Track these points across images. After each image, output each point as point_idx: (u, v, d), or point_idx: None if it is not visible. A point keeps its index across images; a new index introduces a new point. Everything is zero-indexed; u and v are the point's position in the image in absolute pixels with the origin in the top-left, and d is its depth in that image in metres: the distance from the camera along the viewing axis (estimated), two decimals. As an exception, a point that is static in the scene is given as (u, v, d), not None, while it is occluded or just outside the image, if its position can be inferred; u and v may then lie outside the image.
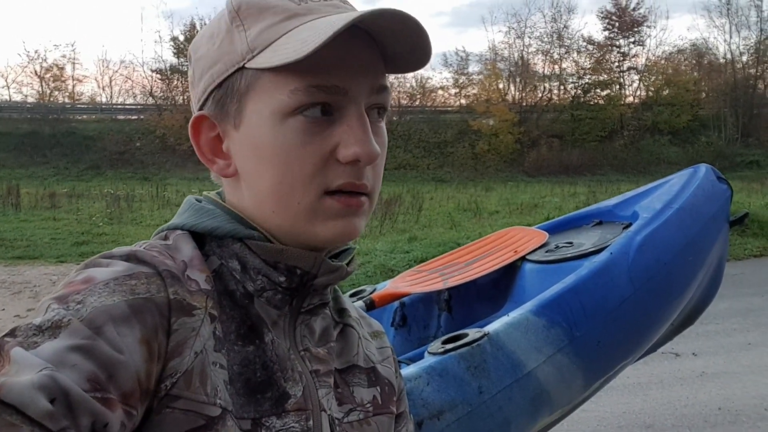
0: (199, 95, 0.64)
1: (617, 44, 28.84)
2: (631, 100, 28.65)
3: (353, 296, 2.25)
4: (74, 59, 29.19)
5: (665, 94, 27.25)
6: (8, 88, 28.59)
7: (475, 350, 1.58)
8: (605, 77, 28.30)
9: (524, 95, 28.37)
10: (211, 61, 0.62)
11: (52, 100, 26.73)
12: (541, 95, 28.49)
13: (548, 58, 28.92)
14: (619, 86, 28.55)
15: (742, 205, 9.65)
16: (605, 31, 28.96)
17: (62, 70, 27.27)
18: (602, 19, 28.86)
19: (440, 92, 29.58)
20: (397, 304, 2.31)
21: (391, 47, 0.60)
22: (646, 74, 28.85)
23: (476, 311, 2.29)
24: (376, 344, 0.74)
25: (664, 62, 29.26)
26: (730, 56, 28.88)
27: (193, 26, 26.91)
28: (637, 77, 29.07)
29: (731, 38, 29.50)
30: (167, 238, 0.62)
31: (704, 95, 28.27)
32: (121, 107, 27.78)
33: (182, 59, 25.92)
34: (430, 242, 8.43)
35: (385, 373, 0.72)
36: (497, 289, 2.31)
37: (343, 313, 0.72)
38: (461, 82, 29.00)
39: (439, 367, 1.54)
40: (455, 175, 23.28)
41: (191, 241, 0.61)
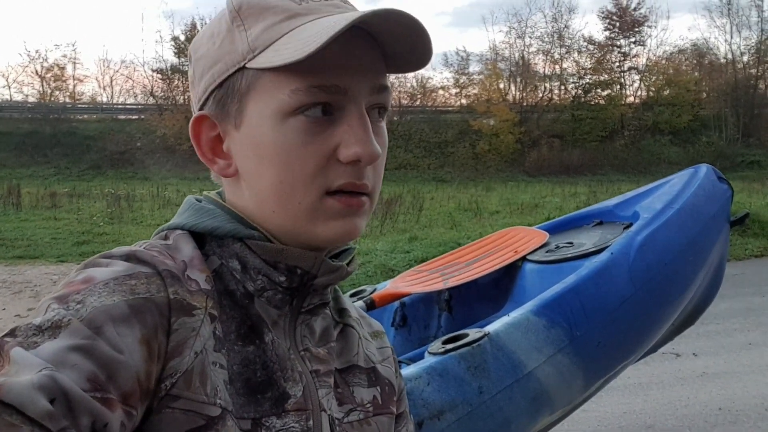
0: (199, 95, 0.63)
1: (618, 44, 28.84)
2: (631, 100, 28.64)
3: (353, 296, 2.25)
4: (75, 59, 29.37)
5: (666, 94, 27.23)
6: (9, 87, 28.70)
7: (475, 350, 1.58)
8: (606, 77, 28.29)
9: (525, 95, 28.37)
10: (211, 60, 0.62)
11: (53, 99, 26.74)
12: (541, 95, 28.48)
13: (549, 58, 28.93)
14: (619, 86, 28.53)
15: (742, 205, 9.65)
16: (606, 31, 29.00)
17: (63, 69, 27.33)
18: (603, 19, 28.89)
19: (441, 92, 29.62)
20: (397, 304, 2.31)
21: (391, 47, 0.60)
22: (646, 74, 28.85)
23: (476, 311, 2.29)
24: (376, 344, 0.74)
25: (664, 62, 29.24)
26: (730, 56, 28.91)
27: (193, 26, 26.95)
28: (637, 77, 29.09)
29: (732, 38, 29.46)
30: (167, 237, 0.62)
31: (705, 95, 28.26)
32: (121, 107, 27.80)
33: (183, 59, 25.92)
34: (430, 242, 8.42)
35: (385, 373, 0.72)
36: (498, 289, 2.31)
37: (343, 313, 0.71)
38: (462, 82, 29.00)
39: (439, 367, 1.54)
40: (456, 175, 23.27)
41: (191, 240, 0.61)
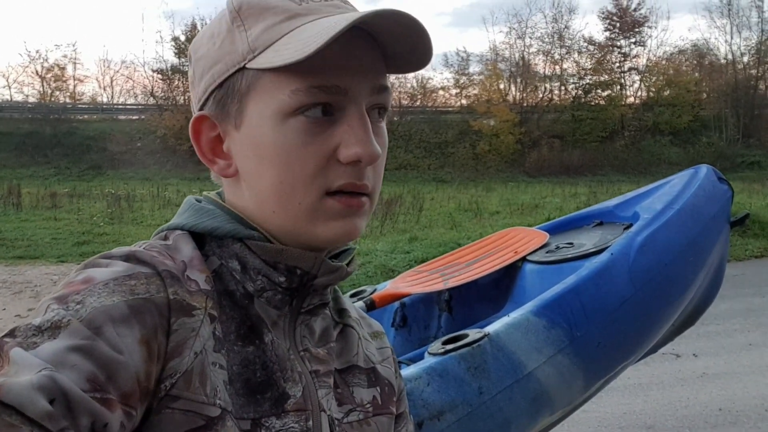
0: (199, 95, 0.63)
1: (618, 45, 28.84)
2: (632, 100, 28.64)
3: (354, 296, 2.25)
4: (75, 59, 29.37)
5: (666, 94, 27.24)
6: (9, 88, 28.75)
7: (475, 351, 1.58)
8: (606, 78, 28.29)
9: (525, 96, 28.37)
10: (211, 61, 0.62)
11: (53, 100, 26.75)
12: (542, 96, 28.48)
13: (549, 58, 28.94)
14: (620, 87, 28.53)
15: (743, 205, 9.66)
16: (606, 31, 29.00)
17: (63, 70, 27.34)
18: (603, 19, 28.89)
19: (441, 92, 29.62)
20: (397, 304, 2.31)
21: (391, 47, 0.60)
22: (647, 75, 28.84)
23: (477, 312, 2.29)
24: (376, 344, 0.74)
25: (665, 63, 29.24)
26: (731, 57, 28.92)
27: (194, 26, 26.92)
28: (638, 78, 29.09)
29: (732, 39, 29.47)
30: (167, 238, 0.62)
31: (705, 96, 28.25)
32: (122, 107, 27.82)
33: (183, 59, 25.91)
34: (430, 242, 8.42)
35: (384, 373, 0.72)
36: (498, 289, 2.31)
37: (343, 313, 0.71)
38: (462, 82, 28.99)
39: (439, 367, 1.54)
40: (456, 175, 23.27)
41: (191, 241, 0.61)
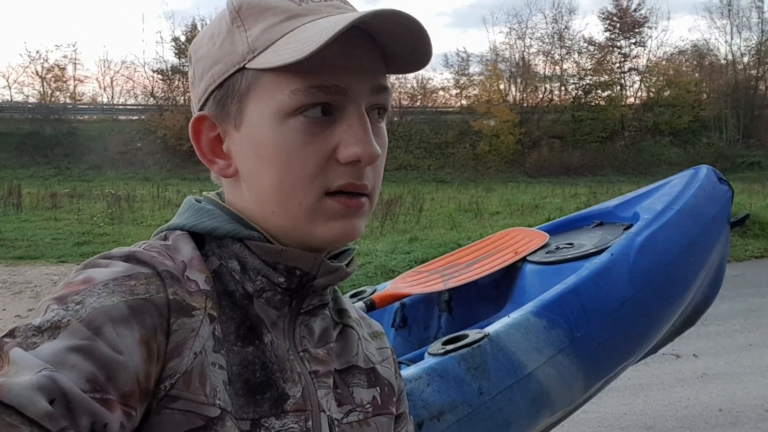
0: (199, 95, 0.64)
1: (618, 45, 28.82)
2: (632, 101, 28.61)
3: (353, 297, 2.25)
4: (75, 59, 29.33)
5: (666, 95, 27.22)
6: (10, 88, 28.75)
7: (475, 351, 1.58)
8: (606, 78, 28.27)
9: (525, 96, 28.35)
10: (211, 61, 0.62)
11: (53, 100, 26.74)
12: (542, 96, 28.46)
13: (549, 58, 28.92)
14: (620, 87, 28.51)
15: (743, 206, 9.66)
16: (606, 32, 28.96)
17: (63, 70, 27.31)
18: (603, 20, 28.86)
19: (441, 93, 29.59)
20: (397, 304, 2.31)
21: (391, 47, 0.60)
22: (647, 75, 28.83)
23: (477, 312, 2.28)
24: (375, 345, 0.74)
25: (665, 63, 29.22)
26: (731, 57, 28.89)
27: (194, 27, 26.89)
28: (638, 78, 29.06)
29: (732, 39, 29.42)
30: (167, 238, 0.62)
31: (705, 96, 28.24)
32: (122, 107, 27.80)
33: (183, 60, 25.91)
34: (430, 243, 8.42)
35: (384, 373, 0.72)
36: (498, 290, 2.31)
37: (342, 313, 0.71)
38: (462, 82, 28.97)
39: (439, 368, 1.54)
40: (456, 175, 23.27)
41: (191, 241, 0.61)
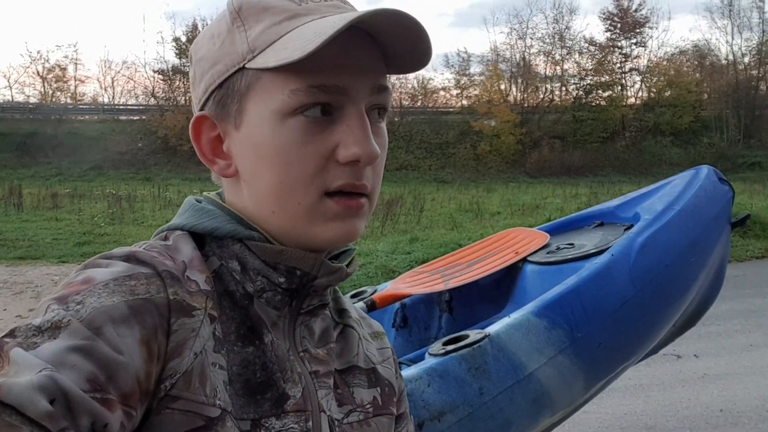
0: (200, 95, 0.64)
1: (619, 45, 28.82)
2: (632, 101, 28.60)
3: (354, 297, 2.25)
4: (76, 60, 29.33)
5: (667, 95, 27.21)
6: (11, 88, 28.78)
7: (476, 351, 1.58)
8: (607, 78, 28.26)
9: (526, 96, 28.36)
10: (211, 61, 0.62)
11: (54, 100, 26.79)
12: (542, 96, 28.46)
13: (550, 59, 28.92)
14: (620, 87, 28.50)
15: (743, 206, 9.65)
16: (607, 32, 28.97)
17: (64, 70, 27.37)
18: (604, 20, 28.86)
19: (442, 93, 29.62)
20: (398, 305, 2.31)
21: (391, 47, 0.60)
22: (647, 75, 28.82)
23: (477, 312, 2.28)
24: (376, 345, 0.74)
25: (665, 63, 29.22)
26: (732, 57, 28.90)
27: (195, 27, 26.91)
28: (638, 78, 29.07)
29: (733, 39, 29.42)
30: (167, 238, 0.62)
31: (706, 96, 28.23)
32: (123, 108, 27.80)
33: (184, 60, 25.90)
34: (431, 243, 8.42)
35: (385, 373, 0.72)
36: (498, 290, 2.31)
37: (343, 313, 0.71)
38: (463, 83, 28.99)
39: (439, 368, 1.54)
40: (457, 176, 23.26)
41: (191, 241, 0.61)
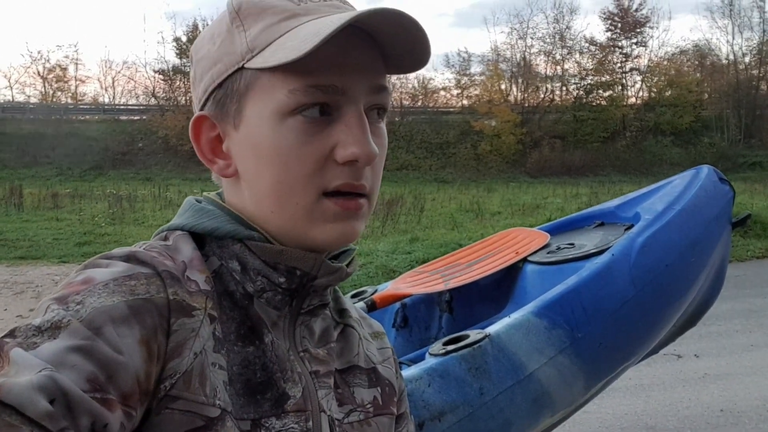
0: (199, 95, 0.64)
1: (620, 45, 28.82)
2: (633, 101, 28.60)
3: (354, 297, 2.25)
4: (77, 60, 29.35)
5: (668, 95, 27.20)
6: (11, 88, 28.85)
7: (476, 351, 1.58)
8: (607, 78, 28.26)
9: (526, 96, 28.35)
10: (211, 61, 0.62)
11: (54, 100, 26.80)
12: (543, 96, 28.46)
13: (550, 59, 28.92)
14: (621, 87, 28.51)
15: (744, 206, 9.64)
16: (608, 32, 28.97)
17: (65, 70, 27.42)
18: (605, 20, 28.86)
19: (442, 93, 29.65)
20: (398, 305, 2.31)
21: (390, 47, 0.59)
22: (648, 75, 28.82)
23: (477, 312, 2.28)
24: (376, 345, 0.74)
25: (666, 63, 29.21)
26: (732, 57, 28.89)
27: (195, 27, 26.93)
28: (639, 78, 29.07)
29: (734, 39, 29.45)
30: (167, 238, 0.62)
31: (707, 96, 28.22)
32: (123, 108, 27.82)
33: (185, 60, 25.92)
34: (431, 243, 8.42)
35: (385, 373, 0.72)
36: (499, 290, 2.31)
37: (343, 313, 0.71)
38: (463, 82, 29.00)
39: (440, 368, 1.54)
40: (457, 175, 23.26)
41: (191, 241, 0.61)
